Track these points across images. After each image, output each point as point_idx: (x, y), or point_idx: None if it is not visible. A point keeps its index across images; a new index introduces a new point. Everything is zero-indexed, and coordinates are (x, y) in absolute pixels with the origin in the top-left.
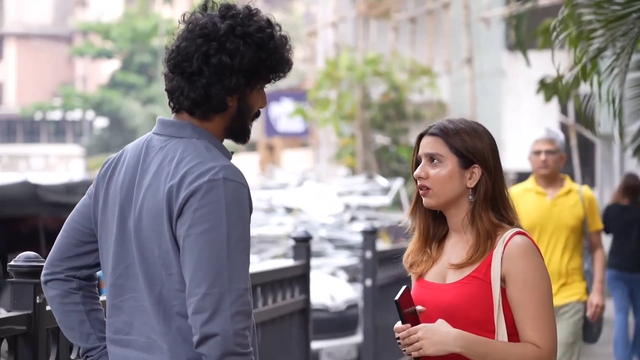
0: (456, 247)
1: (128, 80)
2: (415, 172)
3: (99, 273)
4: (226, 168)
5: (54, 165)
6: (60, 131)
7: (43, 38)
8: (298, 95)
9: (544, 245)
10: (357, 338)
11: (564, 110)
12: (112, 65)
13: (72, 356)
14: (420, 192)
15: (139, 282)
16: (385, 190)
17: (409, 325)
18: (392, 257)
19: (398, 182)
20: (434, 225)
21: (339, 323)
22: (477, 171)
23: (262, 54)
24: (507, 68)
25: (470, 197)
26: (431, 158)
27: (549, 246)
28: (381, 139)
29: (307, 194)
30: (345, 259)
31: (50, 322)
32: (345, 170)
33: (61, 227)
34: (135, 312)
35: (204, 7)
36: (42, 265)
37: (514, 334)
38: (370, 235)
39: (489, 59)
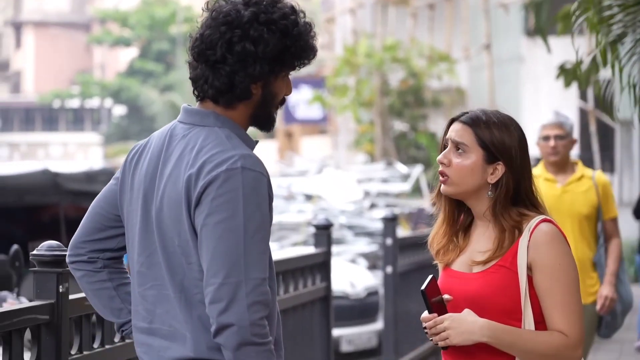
0: (482, 236)
1: (146, 68)
2: (438, 158)
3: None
4: (245, 157)
5: (72, 153)
6: (78, 119)
7: (61, 26)
8: (316, 82)
9: None
10: (378, 325)
11: (583, 96)
12: (130, 53)
13: (95, 345)
14: (441, 179)
15: (161, 271)
16: (405, 177)
17: (435, 315)
18: (413, 244)
19: (417, 169)
20: (459, 212)
21: (359, 310)
22: (500, 168)
23: (287, 41)
24: (525, 54)
25: (489, 192)
26: (457, 146)
27: None
28: (400, 126)
29: (326, 181)
30: (365, 246)
31: (73, 311)
32: (363, 157)
33: (82, 216)
34: (157, 301)
35: None
36: (65, 255)
37: (541, 322)
38: (391, 222)
39: (507, 44)
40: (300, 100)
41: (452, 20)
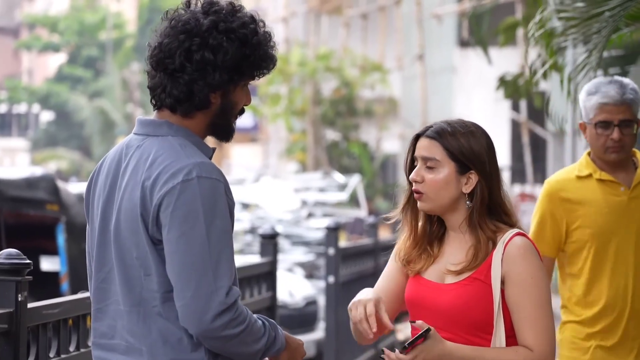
0: (455, 247)
1: (75, 74)
2: (411, 176)
3: (58, 268)
4: (199, 165)
5: None
6: (5, 124)
7: None
8: None
9: (610, 261)
10: (316, 334)
11: (515, 107)
12: (59, 59)
13: (51, 354)
14: (415, 196)
15: (116, 285)
16: (342, 187)
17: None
18: (355, 254)
19: (355, 179)
20: (431, 224)
21: (298, 320)
22: (473, 177)
23: (246, 50)
24: (458, 64)
25: (467, 202)
26: (427, 162)
27: (617, 262)
28: (332, 135)
29: (264, 190)
30: (302, 255)
31: (31, 320)
32: (295, 165)
33: (22, 222)
34: (117, 316)
35: (187, 4)
36: (25, 263)
37: (512, 337)
38: (333, 231)
39: (440, 55)
40: None
41: (385, 30)
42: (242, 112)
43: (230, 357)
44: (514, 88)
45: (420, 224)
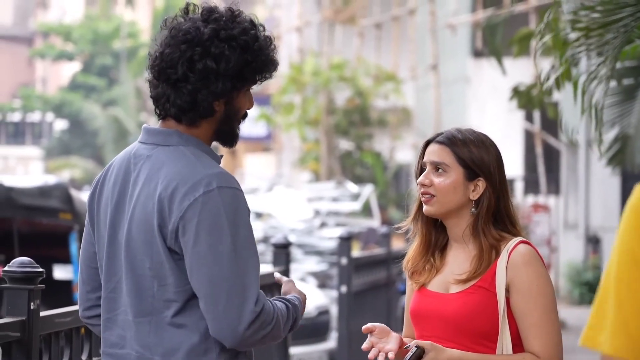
0: (458, 258)
1: (89, 83)
2: (419, 179)
3: (70, 277)
4: (218, 176)
5: (12, 167)
6: (19, 133)
7: (3, 39)
8: (262, 99)
9: None
10: (328, 344)
11: (529, 118)
12: (72, 67)
13: None
14: (423, 199)
15: (126, 296)
16: (355, 197)
17: None
18: (368, 264)
19: (368, 189)
20: (435, 233)
21: (310, 329)
22: (481, 184)
23: (248, 56)
24: (472, 75)
25: (472, 209)
26: (436, 167)
27: None
28: (345, 145)
29: (276, 199)
30: (315, 264)
31: (43, 328)
32: (308, 175)
33: (34, 230)
34: (126, 326)
35: (186, 11)
36: (37, 271)
37: (518, 345)
38: (346, 241)
39: (454, 65)
40: None
41: (399, 40)
42: (245, 116)
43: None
44: (527, 98)
45: (428, 231)
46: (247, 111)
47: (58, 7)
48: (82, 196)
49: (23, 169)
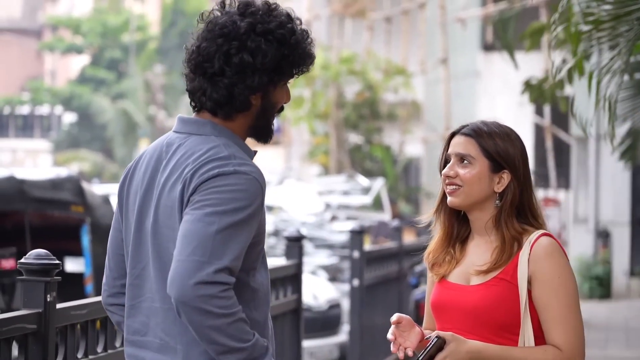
0: (479, 249)
1: (98, 76)
2: (444, 171)
3: (82, 269)
4: (242, 164)
5: (21, 159)
6: (28, 126)
7: (12, 32)
8: None
9: None
10: (339, 338)
11: (539, 112)
12: (81, 61)
13: (79, 355)
14: (448, 189)
15: (152, 283)
16: (366, 190)
17: None
18: (380, 257)
19: (379, 182)
20: (458, 226)
21: (321, 322)
22: (506, 176)
23: (284, 50)
24: (481, 69)
25: (497, 201)
26: (461, 158)
27: None
28: (355, 138)
29: (287, 193)
30: (326, 258)
31: (59, 320)
32: (317, 168)
33: (47, 223)
34: (150, 313)
35: (222, 5)
36: (54, 263)
37: (540, 337)
38: (358, 235)
39: (464, 59)
40: None
41: (409, 34)
42: (281, 110)
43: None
44: (539, 92)
45: (451, 224)
46: (284, 105)
47: (67, 0)
48: (94, 189)
49: (32, 162)
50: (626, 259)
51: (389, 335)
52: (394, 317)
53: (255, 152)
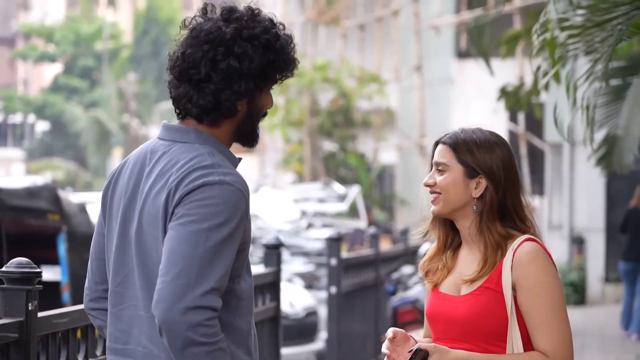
0: (469, 258)
1: (71, 84)
2: (424, 181)
3: (59, 278)
4: (226, 173)
5: None
6: (1, 134)
7: None
8: None
9: None
10: (317, 345)
11: (513, 119)
12: (54, 69)
13: None
14: (430, 198)
15: (137, 290)
16: (342, 198)
17: None
18: (357, 265)
19: (354, 190)
20: (451, 234)
21: (298, 330)
22: (482, 181)
23: (270, 55)
24: (455, 76)
25: (474, 207)
26: (438, 166)
27: None
28: (329, 146)
29: (263, 200)
30: (302, 265)
31: (41, 329)
32: (292, 176)
33: (23, 231)
34: (133, 321)
35: (204, 11)
36: (35, 272)
37: (529, 343)
38: (335, 242)
39: (437, 66)
40: None
41: (383, 41)
42: (264, 115)
43: None
44: (515, 99)
45: (445, 233)
46: (267, 110)
47: (40, 8)
48: (71, 197)
49: (4, 171)
50: (601, 265)
51: (384, 350)
52: (389, 333)
53: (240, 159)
